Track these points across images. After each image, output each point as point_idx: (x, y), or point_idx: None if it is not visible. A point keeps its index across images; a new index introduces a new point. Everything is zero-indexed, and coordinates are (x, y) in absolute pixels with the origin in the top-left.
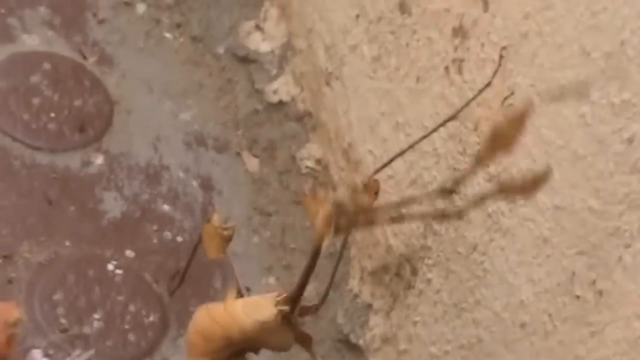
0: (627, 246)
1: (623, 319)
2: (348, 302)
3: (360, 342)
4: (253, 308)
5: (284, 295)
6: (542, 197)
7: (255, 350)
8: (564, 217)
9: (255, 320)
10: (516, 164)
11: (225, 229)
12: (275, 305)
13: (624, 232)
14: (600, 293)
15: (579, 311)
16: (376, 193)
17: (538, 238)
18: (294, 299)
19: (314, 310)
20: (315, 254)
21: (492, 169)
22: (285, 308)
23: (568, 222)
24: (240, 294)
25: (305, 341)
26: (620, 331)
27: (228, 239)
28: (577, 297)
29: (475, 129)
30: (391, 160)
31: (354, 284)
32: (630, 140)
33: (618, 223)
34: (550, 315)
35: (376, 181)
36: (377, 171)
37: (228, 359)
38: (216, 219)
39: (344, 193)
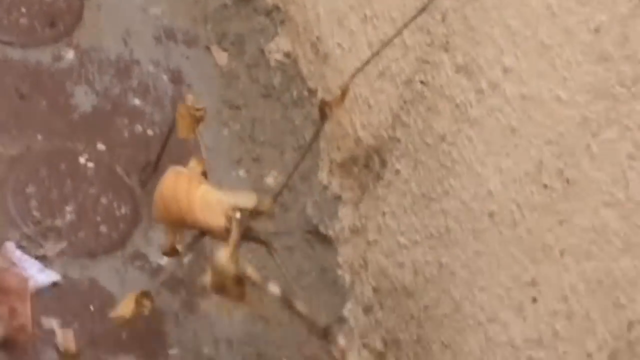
0: (595, 135)
1: (591, 207)
2: (317, 193)
3: (330, 232)
4: (207, 208)
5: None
6: (510, 87)
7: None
8: (532, 107)
9: (206, 222)
10: (483, 54)
11: (197, 109)
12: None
13: (591, 121)
14: (568, 182)
15: (547, 200)
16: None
17: (506, 128)
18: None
19: (267, 215)
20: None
21: (460, 59)
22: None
23: (536, 112)
24: (205, 171)
25: (263, 244)
26: (588, 219)
27: (199, 120)
28: (545, 186)
29: (443, 20)
30: (368, 61)
31: (323, 176)
32: (597, 30)
33: (585, 112)
34: (518, 204)
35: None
36: (355, 75)
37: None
38: (190, 98)
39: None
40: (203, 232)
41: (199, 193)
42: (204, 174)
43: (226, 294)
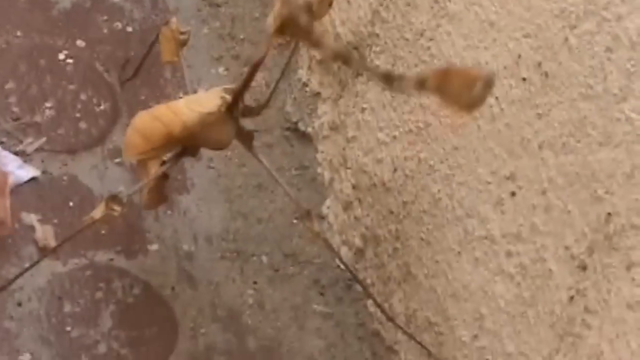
0: (573, 27)
1: (569, 100)
2: (296, 91)
3: (309, 129)
4: (197, 102)
5: (231, 86)
6: None
7: (195, 151)
8: (510, 0)
9: (199, 112)
10: None
11: (182, 33)
12: (220, 96)
13: (569, 13)
14: (546, 75)
15: (525, 93)
16: (330, 4)
17: (484, 22)
18: (239, 91)
19: (257, 111)
20: (266, 51)
21: None
22: (229, 97)
23: (514, 5)
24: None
25: (246, 138)
26: (566, 112)
27: (183, 44)
28: (524, 79)
29: None
30: None
31: (302, 73)
32: None
33: (563, 4)
34: (496, 98)
35: None
36: None
37: (167, 160)
38: (174, 22)
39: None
40: (184, 149)
41: (182, 100)
42: None
43: (295, 29)
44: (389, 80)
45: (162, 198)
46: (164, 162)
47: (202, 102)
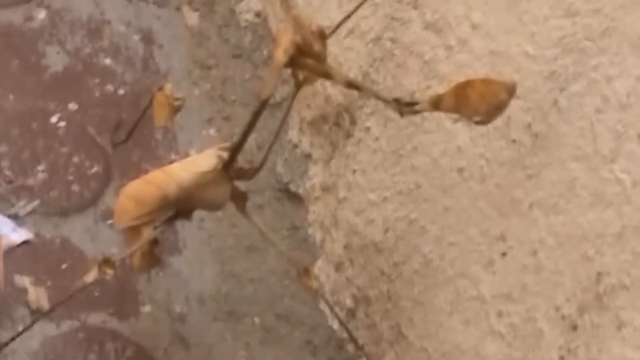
0: (562, 89)
1: (558, 161)
2: (287, 152)
3: (300, 191)
4: (192, 163)
5: (226, 144)
6: (479, 42)
7: (188, 214)
8: (500, 63)
9: (194, 172)
10: (452, 10)
11: (176, 99)
12: (216, 155)
13: (559, 75)
14: (537, 136)
15: (516, 155)
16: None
17: None
18: (235, 149)
19: (250, 174)
20: (274, 85)
21: (429, 16)
22: (225, 154)
23: (504, 67)
24: None
25: (239, 199)
26: (556, 173)
27: (177, 109)
28: (514, 140)
29: None
30: (340, 24)
31: (293, 134)
32: None
33: (553, 67)
34: (487, 159)
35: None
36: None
37: (160, 223)
38: (168, 87)
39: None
40: (177, 212)
41: (175, 163)
42: None
43: (308, 57)
44: (400, 106)
45: (154, 261)
46: (156, 226)
47: (197, 163)
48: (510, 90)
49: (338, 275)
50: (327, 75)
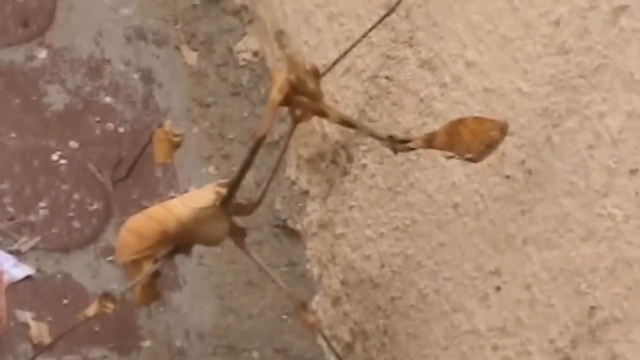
0: (555, 126)
1: (552, 197)
2: (285, 189)
3: (298, 227)
4: (191, 198)
5: (225, 180)
6: (473, 80)
7: (188, 248)
8: (494, 100)
9: (193, 208)
10: (447, 49)
11: (176, 135)
12: (215, 191)
13: (552, 112)
14: (530, 172)
15: (509, 190)
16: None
17: None
18: (233, 185)
19: (249, 210)
20: (269, 123)
21: (424, 54)
22: (223, 191)
23: (498, 104)
24: None
25: (238, 235)
26: (549, 209)
27: (177, 146)
28: (507, 176)
29: (407, 16)
30: (336, 62)
31: (290, 171)
32: (556, 23)
33: (546, 104)
34: (481, 195)
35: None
36: (324, 74)
37: (160, 257)
38: (168, 124)
39: (305, 68)
40: (177, 247)
41: (175, 199)
42: None
43: (303, 95)
44: (394, 143)
45: (154, 295)
46: (156, 260)
47: (197, 198)
48: (503, 129)
49: (335, 310)
50: (322, 113)
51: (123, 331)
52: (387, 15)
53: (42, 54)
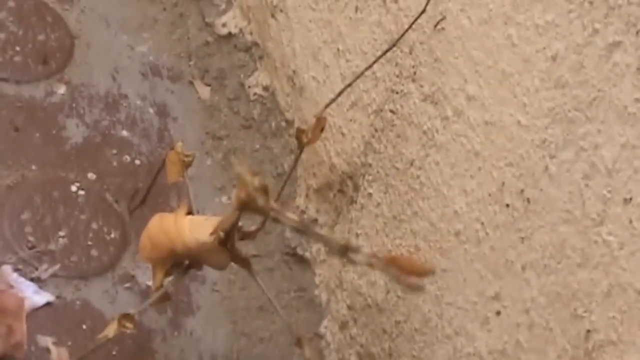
0: (552, 157)
1: (550, 225)
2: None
3: (307, 254)
4: (197, 227)
5: (222, 224)
6: (474, 113)
7: (198, 266)
8: (494, 132)
9: (196, 238)
10: (448, 83)
11: (187, 155)
12: (213, 232)
13: (549, 143)
14: (528, 201)
15: (509, 218)
16: (322, 130)
17: (470, 152)
18: (228, 231)
19: (253, 235)
20: (235, 220)
21: (427, 88)
22: (220, 235)
23: (497, 136)
24: (191, 211)
25: (244, 264)
26: (547, 236)
27: (188, 165)
28: (507, 205)
29: (410, 52)
30: (341, 92)
31: (300, 201)
32: (553, 58)
33: (544, 135)
34: (482, 223)
35: (324, 118)
36: (329, 104)
37: (171, 268)
38: (180, 145)
39: (252, 188)
40: (189, 264)
41: (187, 219)
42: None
43: (254, 209)
44: (343, 252)
45: (166, 298)
46: (168, 272)
47: (200, 229)
48: (428, 274)
49: (343, 334)
50: (277, 220)
51: (139, 354)
52: (388, 50)
53: (61, 89)
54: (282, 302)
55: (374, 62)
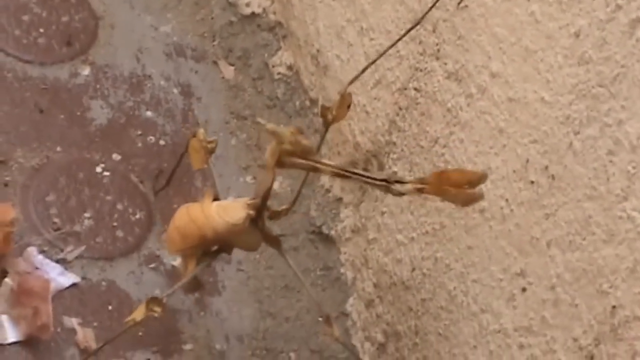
0: (577, 133)
1: (574, 201)
2: (320, 196)
3: (332, 233)
4: (225, 211)
5: (253, 201)
6: (497, 90)
7: (228, 250)
8: (518, 109)
9: (226, 222)
10: (472, 61)
11: (210, 142)
12: (245, 212)
13: (573, 120)
14: (553, 177)
15: (534, 195)
16: (348, 106)
17: (494, 129)
18: (259, 208)
19: (284, 213)
20: (271, 182)
21: (450, 66)
22: (252, 213)
23: (521, 113)
24: (217, 197)
25: (274, 243)
26: (571, 212)
27: (211, 151)
28: (532, 182)
29: (434, 30)
30: (365, 69)
31: (325, 180)
32: (577, 34)
33: (568, 112)
34: (507, 200)
35: (349, 94)
36: (352, 81)
37: (203, 256)
38: (201, 133)
39: (289, 135)
40: (219, 248)
41: (214, 205)
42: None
43: (299, 153)
44: (387, 186)
45: (198, 285)
46: (200, 260)
47: (229, 211)
48: (482, 180)
49: (369, 312)
50: (316, 169)
51: (165, 335)
52: (412, 28)
53: (86, 71)
54: (308, 281)
55: (398, 40)
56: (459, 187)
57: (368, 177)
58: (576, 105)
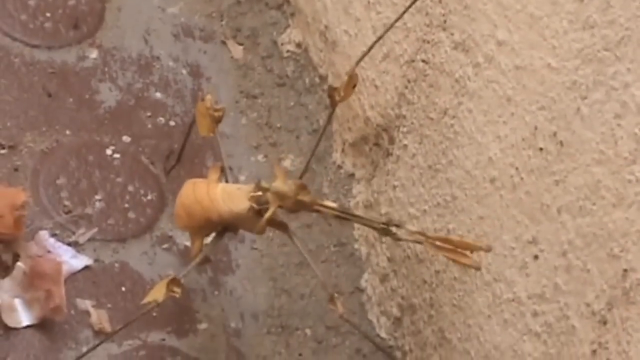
0: (584, 98)
1: (583, 166)
2: (332, 173)
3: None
4: (230, 198)
5: (255, 194)
6: (504, 59)
7: (234, 230)
8: (525, 76)
9: (231, 209)
10: (478, 30)
11: (216, 110)
12: (249, 204)
13: (580, 85)
14: (561, 143)
15: (543, 162)
16: (354, 87)
17: (502, 98)
18: (264, 201)
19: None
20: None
21: (457, 36)
22: (256, 207)
23: (529, 80)
24: (223, 170)
25: (280, 227)
26: (581, 177)
27: (218, 120)
28: (541, 149)
29: (440, 1)
30: (371, 46)
31: (336, 156)
32: None
33: (574, 77)
34: (517, 168)
35: (356, 75)
36: (360, 60)
37: (208, 234)
38: (209, 99)
39: (286, 186)
40: (225, 227)
41: (219, 189)
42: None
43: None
44: (386, 230)
45: (206, 260)
46: (206, 237)
47: (234, 200)
48: (486, 251)
49: (384, 286)
50: (319, 212)
51: (180, 315)
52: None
53: (93, 54)
54: (322, 257)
55: (404, 12)
56: (463, 250)
57: (368, 221)
58: (582, 70)
